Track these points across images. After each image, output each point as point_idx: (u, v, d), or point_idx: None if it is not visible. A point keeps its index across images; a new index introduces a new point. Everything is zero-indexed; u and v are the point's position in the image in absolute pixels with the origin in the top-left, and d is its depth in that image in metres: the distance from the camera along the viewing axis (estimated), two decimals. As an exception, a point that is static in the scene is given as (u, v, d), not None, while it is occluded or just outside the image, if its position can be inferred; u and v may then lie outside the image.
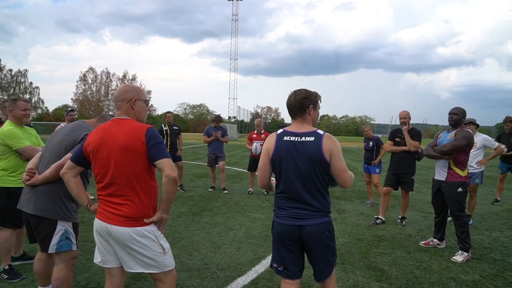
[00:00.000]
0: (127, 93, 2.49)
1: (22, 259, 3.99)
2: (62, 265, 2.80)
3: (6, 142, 3.58)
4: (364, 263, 4.29)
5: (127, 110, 2.48)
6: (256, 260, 4.30)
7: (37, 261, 3.01)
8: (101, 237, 2.38)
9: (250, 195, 8.40)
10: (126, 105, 2.47)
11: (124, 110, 2.47)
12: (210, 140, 8.71)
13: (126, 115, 2.46)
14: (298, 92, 2.52)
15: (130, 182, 2.31)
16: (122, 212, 2.29)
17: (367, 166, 7.64)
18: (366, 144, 7.71)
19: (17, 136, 3.62)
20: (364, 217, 6.62)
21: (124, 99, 2.48)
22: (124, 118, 2.43)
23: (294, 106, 2.50)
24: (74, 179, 2.46)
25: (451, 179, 4.60)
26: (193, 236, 5.09)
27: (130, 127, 2.37)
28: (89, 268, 3.87)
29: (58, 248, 2.77)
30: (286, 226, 2.44)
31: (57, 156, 2.77)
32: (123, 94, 2.49)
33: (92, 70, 79.72)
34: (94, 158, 2.38)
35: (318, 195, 2.43)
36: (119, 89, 2.56)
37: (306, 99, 2.49)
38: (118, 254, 2.38)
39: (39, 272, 3.01)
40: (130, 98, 2.48)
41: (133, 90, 2.54)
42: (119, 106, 2.48)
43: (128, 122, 2.41)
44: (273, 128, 64.08)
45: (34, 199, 2.77)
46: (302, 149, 2.40)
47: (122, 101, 2.47)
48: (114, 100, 2.53)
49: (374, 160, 7.42)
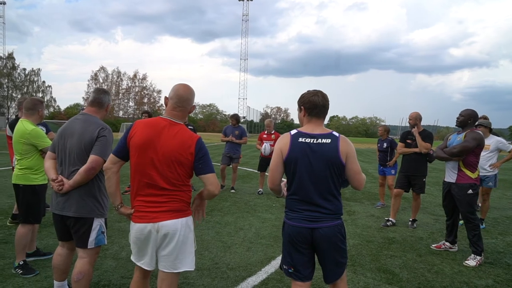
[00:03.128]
0: (192, 99, 2.54)
1: (36, 255, 4.05)
2: (86, 259, 2.88)
3: (31, 142, 3.63)
4: (374, 265, 4.27)
5: (183, 114, 2.51)
6: (266, 260, 4.30)
7: (57, 256, 3.07)
8: (140, 241, 2.43)
9: (260, 195, 8.41)
10: (185, 109, 2.50)
11: (181, 113, 2.49)
12: (226, 140, 8.73)
13: (179, 119, 2.48)
14: (324, 93, 2.51)
15: (172, 184, 2.38)
16: (167, 207, 2.37)
17: (382, 168, 7.53)
18: (380, 145, 7.60)
19: (42, 136, 3.71)
20: (375, 219, 6.59)
21: (188, 103, 2.51)
22: (177, 122, 2.46)
23: (323, 105, 2.47)
24: (115, 177, 2.48)
25: (461, 181, 4.55)
26: (203, 235, 5.11)
27: (182, 137, 2.40)
28: (101, 265, 3.91)
29: (96, 243, 2.90)
30: (298, 228, 2.43)
31: (80, 159, 2.83)
32: (190, 97, 2.52)
33: (103, 69, 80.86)
34: (136, 153, 2.39)
35: (331, 197, 2.43)
36: (188, 89, 2.53)
37: (328, 102, 2.51)
38: (159, 254, 2.44)
39: (58, 267, 3.07)
40: (192, 104, 2.55)
41: (194, 97, 2.57)
42: (180, 108, 2.48)
43: (180, 128, 2.43)
44: (282, 128, 64.02)
45: (74, 203, 2.83)
46: (319, 151, 2.38)
47: (186, 103, 2.49)
48: (176, 98, 2.48)
49: (389, 161, 7.34)
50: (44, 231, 4.89)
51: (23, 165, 3.67)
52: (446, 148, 4.76)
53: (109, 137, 2.92)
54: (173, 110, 2.49)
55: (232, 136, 8.63)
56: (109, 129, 2.96)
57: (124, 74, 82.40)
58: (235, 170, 8.90)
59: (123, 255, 4.25)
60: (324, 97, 2.49)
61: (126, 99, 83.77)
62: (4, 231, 5.03)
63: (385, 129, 7.69)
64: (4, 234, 4.89)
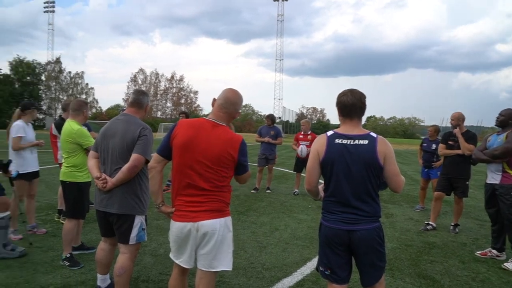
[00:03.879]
0: (240, 104, 2.59)
1: (80, 249, 4.25)
2: (128, 255, 2.99)
3: (77, 141, 3.81)
4: (413, 270, 4.14)
5: (228, 117, 2.55)
6: (301, 261, 4.28)
7: (100, 251, 3.21)
8: (180, 239, 2.48)
9: (296, 196, 8.37)
10: (230, 112, 2.55)
11: (226, 115, 2.54)
12: (261, 140, 8.74)
13: (223, 120, 2.53)
14: (358, 91, 2.45)
15: (212, 185, 2.43)
16: (207, 207, 2.43)
17: (427, 170, 7.20)
18: (427, 145, 7.20)
19: (87, 135, 3.89)
20: (414, 222, 6.39)
21: (235, 107, 2.56)
22: (221, 124, 2.51)
23: (356, 105, 2.42)
24: (159, 176, 2.57)
25: (506, 182, 4.35)
26: (239, 235, 5.15)
27: (225, 138, 2.45)
28: (140, 261, 4.04)
29: (137, 239, 3.00)
30: (335, 230, 2.40)
31: (122, 157, 2.93)
32: (238, 101, 2.57)
33: (142, 71, 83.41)
34: (179, 153, 2.45)
35: (369, 199, 2.38)
36: (236, 94, 2.59)
37: (365, 101, 2.45)
38: (197, 253, 2.49)
39: (101, 261, 3.21)
40: (239, 109, 2.60)
41: (241, 103, 2.62)
42: (225, 110, 2.52)
43: (223, 130, 2.48)
44: (318, 129, 63.38)
45: (117, 200, 2.95)
46: (356, 152, 2.34)
47: (231, 106, 2.54)
48: (223, 100, 2.54)
49: (436, 162, 6.98)
50: (87, 227, 5.11)
51: (69, 163, 3.86)
52: (485, 149, 4.56)
53: (149, 136, 3.01)
54: (219, 111, 2.54)
55: (268, 137, 8.64)
56: (150, 129, 3.06)
57: (162, 76, 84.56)
58: (271, 171, 8.91)
59: (161, 252, 4.37)
60: (354, 96, 2.42)
61: (164, 100, 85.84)
62: (53, 225, 5.31)
63: (435, 129, 7.27)
64: (53, 228, 5.17)
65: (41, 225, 5.18)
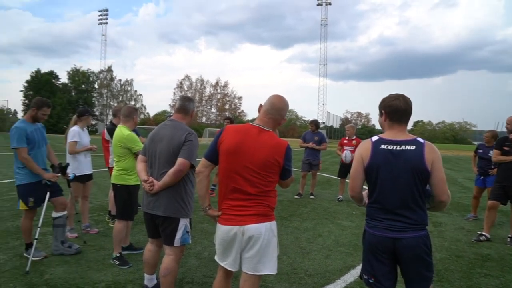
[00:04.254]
0: (286, 110, 2.63)
1: (129, 249, 4.43)
2: (172, 256, 3.08)
3: (127, 145, 4.00)
4: (465, 283, 3.94)
5: (273, 123, 2.59)
6: (345, 269, 4.21)
7: (147, 252, 3.34)
8: (226, 242, 2.53)
9: (340, 202, 8.24)
10: (276, 119, 2.59)
11: (271, 121, 2.58)
12: (305, 146, 8.70)
13: (269, 126, 2.57)
14: (406, 97, 2.41)
15: (258, 189, 2.47)
16: (253, 211, 2.47)
17: (482, 178, 6.78)
18: (484, 151, 6.79)
19: (136, 140, 4.06)
20: (465, 232, 6.07)
21: (281, 114, 2.60)
22: (266, 129, 2.55)
23: (406, 110, 2.38)
24: (206, 180, 2.64)
25: None
26: (282, 240, 5.14)
27: (271, 143, 2.49)
28: (185, 263, 4.15)
29: (182, 242, 3.09)
30: (380, 237, 2.35)
31: (169, 161, 3.04)
32: (283, 108, 2.61)
33: (187, 78, 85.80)
34: (225, 158, 2.51)
35: (415, 207, 2.31)
36: (282, 100, 2.62)
37: (411, 106, 2.40)
38: (242, 256, 2.53)
39: (148, 261, 3.34)
40: (284, 116, 2.63)
41: (287, 109, 2.66)
42: (271, 115, 2.57)
43: (269, 136, 2.52)
44: (363, 134, 61.94)
45: (163, 203, 3.05)
46: (402, 158, 2.29)
47: (277, 112, 2.57)
48: (269, 106, 2.58)
49: (493, 169, 6.49)
50: (136, 228, 5.33)
51: (120, 166, 4.05)
52: None
53: (195, 141, 3.10)
54: (264, 117, 2.57)
55: (312, 143, 8.59)
56: (195, 134, 3.15)
57: (207, 82, 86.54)
58: (315, 176, 8.84)
59: (205, 255, 4.46)
60: (406, 102, 2.38)
61: (209, 106, 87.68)
62: (104, 226, 5.59)
63: (492, 135, 6.82)
64: (104, 228, 5.44)
65: (93, 225, 5.47)
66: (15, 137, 3.97)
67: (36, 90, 62.00)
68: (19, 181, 4.11)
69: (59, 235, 4.30)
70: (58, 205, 4.29)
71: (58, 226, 4.31)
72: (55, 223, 4.31)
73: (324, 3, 68.33)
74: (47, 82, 65.27)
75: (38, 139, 4.15)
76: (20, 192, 4.11)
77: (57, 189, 4.28)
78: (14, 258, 4.17)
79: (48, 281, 3.59)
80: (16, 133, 3.98)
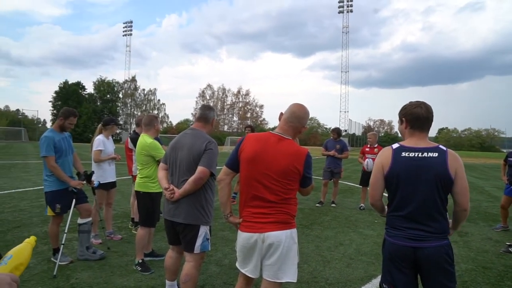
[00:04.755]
0: (306, 118, 2.64)
1: (151, 255, 4.51)
2: (193, 263, 3.12)
3: (150, 153, 4.08)
4: (492, 295, 3.82)
5: (293, 131, 2.61)
6: (366, 278, 4.15)
7: (168, 258, 3.39)
8: (247, 249, 2.55)
9: (362, 210, 8.13)
10: (296, 127, 2.60)
11: (291, 129, 2.60)
12: (327, 154, 8.66)
13: (289, 134, 2.59)
14: (427, 104, 2.39)
15: (279, 197, 2.49)
16: (273, 218, 2.48)
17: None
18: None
19: (159, 148, 4.14)
20: (493, 243, 5.88)
21: (301, 122, 2.62)
22: (286, 137, 2.57)
23: (427, 118, 2.36)
24: (228, 188, 2.68)
25: None
26: (303, 248, 5.12)
27: (291, 151, 2.50)
28: (205, 270, 4.18)
29: (202, 248, 3.12)
30: (400, 246, 2.32)
31: (189, 169, 3.09)
32: (304, 116, 2.62)
33: (209, 87, 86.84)
34: (246, 166, 2.54)
35: (437, 215, 2.28)
36: (302, 109, 2.64)
37: (432, 114, 2.39)
38: (263, 264, 2.54)
39: (169, 268, 3.39)
40: (304, 124, 2.65)
41: (308, 118, 2.67)
42: (291, 124, 2.59)
43: (289, 144, 2.54)
44: (386, 142, 60.96)
45: (183, 211, 3.10)
46: (425, 166, 2.26)
47: (297, 120, 2.59)
48: (289, 114, 2.61)
49: None
50: (158, 235, 5.41)
51: (143, 174, 4.14)
52: None
53: (215, 150, 3.14)
54: (285, 125, 2.60)
55: (333, 151, 8.54)
56: (215, 143, 3.20)
57: (228, 91, 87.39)
58: (336, 184, 8.78)
59: (226, 262, 4.49)
60: (427, 109, 2.37)
61: (231, 114, 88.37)
62: (127, 232, 5.70)
63: None
64: (127, 235, 5.55)
65: (116, 232, 5.59)
66: (44, 146, 4.13)
67: (64, 100, 64.15)
68: (47, 188, 4.26)
69: (84, 241, 4.43)
70: (83, 212, 4.42)
71: (83, 232, 4.43)
72: (80, 229, 4.44)
73: (345, 11, 68.18)
74: (74, 93, 67.32)
75: (65, 147, 4.30)
76: (48, 199, 4.26)
77: (82, 196, 4.41)
78: (42, 262, 4.31)
79: (74, 285, 3.69)
80: (44, 142, 4.14)
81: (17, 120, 60.64)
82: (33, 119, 65.61)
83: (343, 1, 68.08)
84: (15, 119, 61.81)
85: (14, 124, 55.83)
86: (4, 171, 13.06)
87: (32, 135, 53.76)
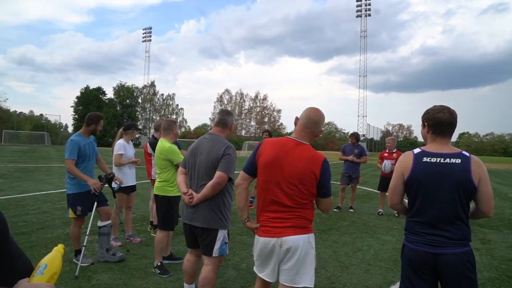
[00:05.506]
0: (321, 122, 2.64)
1: (170, 259, 4.56)
2: (211, 267, 3.15)
3: (168, 157, 4.14)
4: (516, 304, 3.72)
5: (310, 136, 2.62)
6: (385, 284, 4.10)
7: (186, 261, 3.43)
8: (264, 254, 2.56)
9: (380, 216, 8.04)
10: (313, 131, 2.61)
11: (308, 134, 2.61)
12: (344, 159, 8.61)
13: (306, 139, 2.60)
14: (451, 109, 2.36)
15: (296, 202, 2.49)
16: (291, 223, 2.48)
17: None
18: None
19: (177, 152, 4.19)
20: (517, 250, 5.72)
21: (317, 126, 2.62)
22: (304, 143, 2.58)
23: (451, 123, 2.33)
24: (245, 192, 2.70)
25: None
26: (320, 254, 5.09)
27: (308, 156, 2.51)
28: (223, 274, 4.21)
29: (220, 252, 3.15)
30: (419, 253, 2.29)
31: (207, 174, 3.13)
32: (319, 120, 2.62)
33: (227, 92, 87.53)
34: (264, 171, 2.56)
35: (459, 222, 2.24)
36: (318, 113, 2.64)
37: (456, 119, 2.36)
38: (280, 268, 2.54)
39: (187, 271, 3.43)
40: (320, 128, 2.65)
41: (323, 121, 2.67)
42: (308, 129, 2.60)
43: (306, 148, 2.55)
44: (405, 146, 60.04)
45: (202, 215, 3.14)
46: (447, 171, 2.23)
47: (314, 125, 2.60)
48: (306, 119, 2.61)
49: None
50: (176, 239, 5.47)
51: (162, 178, 4.20)
52: None
53: (233, 155, 3.17)
54: (301, 131, 2.60)
55: (352, 155, 8.48)
56: (233, 148, 3.23)
57: (246, 96, 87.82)
58: (354, 190, 8.70)
59: (243, 266, 4.50)
60: (451, 114, 2.33)
61: (248, 119, 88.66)
62: (146, 235, 5.77)
63: None
64: (146, 238, 5.63)
65: (136, 235, 5.67)
66: (68, 149, 4.24)
67: (85, 105, 65.65)
68: (69, 190, 4.37)
69: (104, 243, 4.51)
70: (103, 214, 4.51)
71: (103, 234, 4.52)
72: (101, 232, 4.53)
73: (363, 15, 67.66)
74: (95, 98, 68.76)
75: (89, 153, 4.41)
76: (70, 201, 4.37)
77: (102, 199, 4.51)
78: (64, 263, 4.40)
79: (94, 286, 3.77)
80: (70, 145, 4.25)
81: (40, 125, 62.24)
82: (55, 124, 67.30)
83: (361, 5, 67.62)
84: (38, 124, 63.44)
85: (38, 129, 57.28)
86: (28, 174, 13.41)
87: (55, 139, 55.10)
